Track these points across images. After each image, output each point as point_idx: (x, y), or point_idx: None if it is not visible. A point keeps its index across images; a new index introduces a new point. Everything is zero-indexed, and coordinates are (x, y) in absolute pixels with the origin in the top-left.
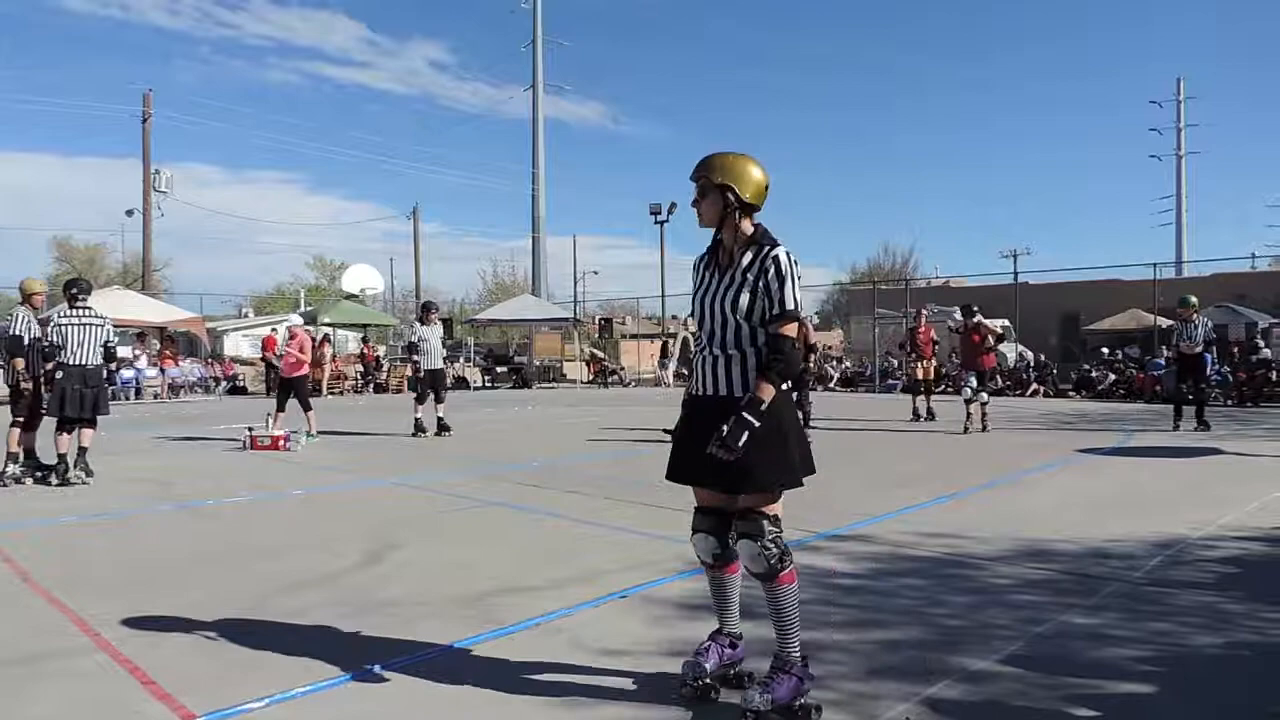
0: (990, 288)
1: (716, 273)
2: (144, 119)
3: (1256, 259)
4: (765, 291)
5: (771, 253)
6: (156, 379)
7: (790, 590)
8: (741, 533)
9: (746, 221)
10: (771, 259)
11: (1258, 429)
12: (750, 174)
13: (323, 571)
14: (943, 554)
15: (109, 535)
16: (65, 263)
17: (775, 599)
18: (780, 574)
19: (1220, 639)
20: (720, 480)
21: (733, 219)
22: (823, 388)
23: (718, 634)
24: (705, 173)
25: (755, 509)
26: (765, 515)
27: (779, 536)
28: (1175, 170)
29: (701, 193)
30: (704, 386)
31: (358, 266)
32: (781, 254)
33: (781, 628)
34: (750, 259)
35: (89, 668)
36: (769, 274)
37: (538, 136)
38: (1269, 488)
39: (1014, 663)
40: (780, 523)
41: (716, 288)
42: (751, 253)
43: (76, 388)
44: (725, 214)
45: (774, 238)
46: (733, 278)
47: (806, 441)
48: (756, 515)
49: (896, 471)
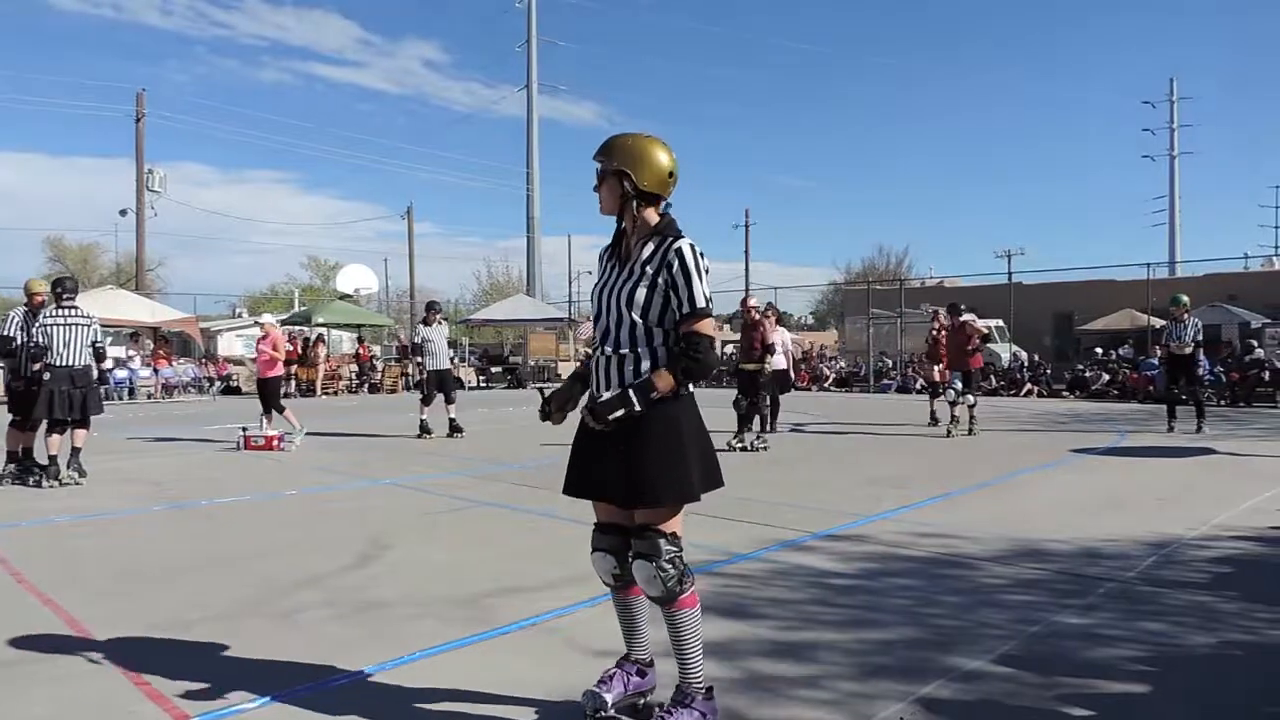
0: (985, 288)
1: (616, 265)
2: (137, 118)
3: (1249, 259)
4: (670, 287)
5: (674, 245)
6: (150, 379)
7: (691, 615)
8: (636, 552)
9: (650, 211)
10: (674, 252)
11: (1250, 429)
12: (651, 160)
13: (317, 572)
14: (937, 554)
15: (102, 536)
16: (59, 262)
17: (674, 625)
18: (680, 597)
19: (1213, 638)
20: (613, 493)
21: (630, 207)
22: (817, 388)
23: (625, 661)
24: (603, 156)
25: (651, 526)
26: (662, 533)
27: (677, 556)
28: (1169, 170)
29: (600, 177)
30: (598, 390)
31: (352, 266)
32: (685, 246)
33: (682, 657)
34: (650, 251)
35: (82, 668)
36: (672, 268)
37: (532, 136)
38: (1261, 487)
39: (1008, 662)
40: (680, 541)
41: (614, 281)
42: (653, 244)
43: (65, 389)
44: (623, 202)
45: (679, 229)
46: (631, 271)
47: (712, 453)
48: (652, 533)
49: (891, 472)
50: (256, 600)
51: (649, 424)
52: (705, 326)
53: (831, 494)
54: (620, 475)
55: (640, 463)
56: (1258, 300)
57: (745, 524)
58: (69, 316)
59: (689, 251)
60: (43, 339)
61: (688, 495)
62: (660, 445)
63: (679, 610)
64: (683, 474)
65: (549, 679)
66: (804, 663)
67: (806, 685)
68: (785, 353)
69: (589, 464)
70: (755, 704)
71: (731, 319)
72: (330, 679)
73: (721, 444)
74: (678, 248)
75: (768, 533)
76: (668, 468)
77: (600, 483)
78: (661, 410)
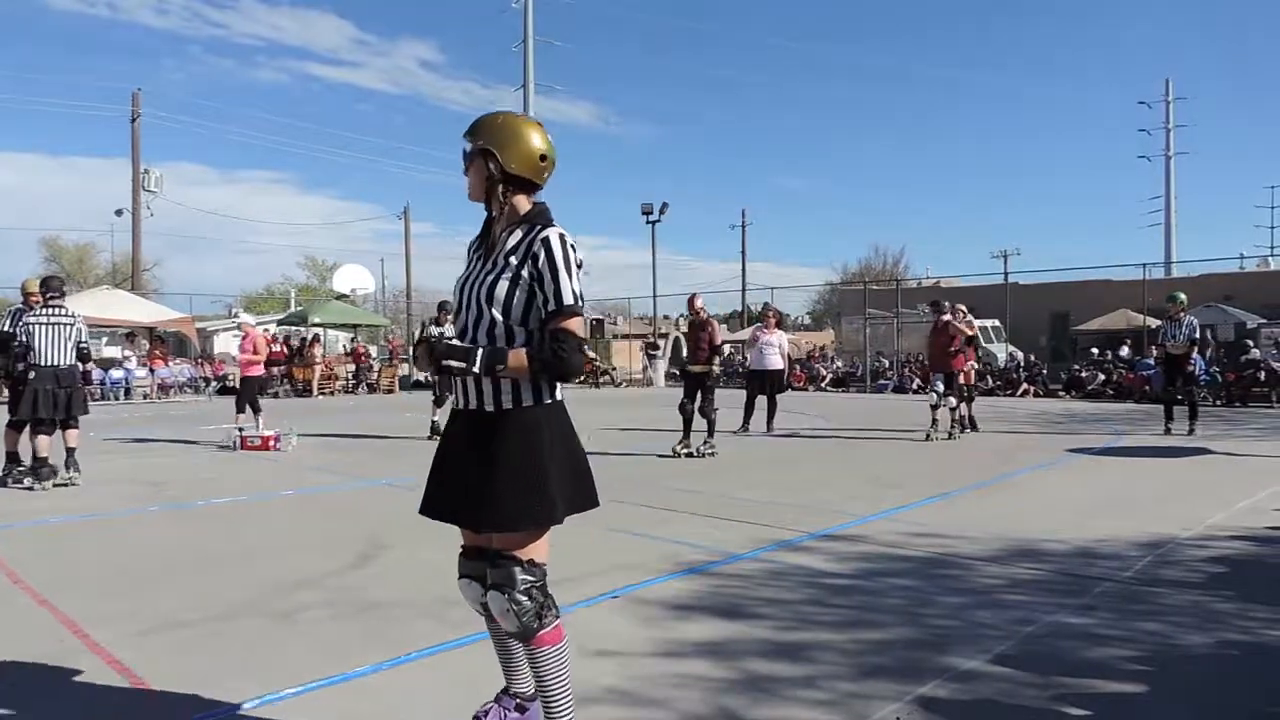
0: (981, 288)
1: (482, 257)
2: (133, 118)
3: (1245, 259)
4: (535, 282)
5: (541, 235)
6: (146, 379)
7: (555, 654)
8: (491, 582)
9: (521, 197)
10: (541, 242)
11: (1246, 429)
12: (520, 140)
13: (314, 572)
14: (933, 554)
15: (98, 536)
16: (55, 262)
17: (535, 664)
18: (539, 633)
19: (1210, 638)
20: (465, 517)
21: (496, 193)
22: (814, 388)
23: (504, 694)
24: (469, 135)
25: (505, 552)
26: (518, 561)
27: (535, 586)
28: (1164, 171)
29: (468, 158)
30: (460, 398)
31: (349, 266)
32: (554, 236)
33: (546, 700)
34: (516, 241)
35: (79, 669)
36: (538, 260)
37: None
38: (1258, 487)
39: (1004, 662)
40: (539, 569)
41: (477, 274)
42: (520, 233)
43: (49, 388)
44: (489, 186)
45: (550, 218)
46: (494, 262)
47: (584, 470)
48: (506, 561)
49: (887, 472)
50: (254, 600)
51: (504, 438)
52: (574, 325)
53: (828, 494)
54: (472, 496)
55: (492, 482)
56: (1254, 300)
57: (742, 524)
58: (52, 316)
59: (557, 242)
60: (25, 338)
61: (547, 518)
62: (516, 461)
63: (539, 648)
64: (541, 494)
65: None
66: (800, 663)
67: (803, 685)
68: (783, 354)
69: (443, 481)
70: (752, 704)
71: (729, 318)
72: (328, 678)
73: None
74: (544, 237)
75: (764, 533)
76: (524, 487)
77: (453, 503)
78: (519, 421)
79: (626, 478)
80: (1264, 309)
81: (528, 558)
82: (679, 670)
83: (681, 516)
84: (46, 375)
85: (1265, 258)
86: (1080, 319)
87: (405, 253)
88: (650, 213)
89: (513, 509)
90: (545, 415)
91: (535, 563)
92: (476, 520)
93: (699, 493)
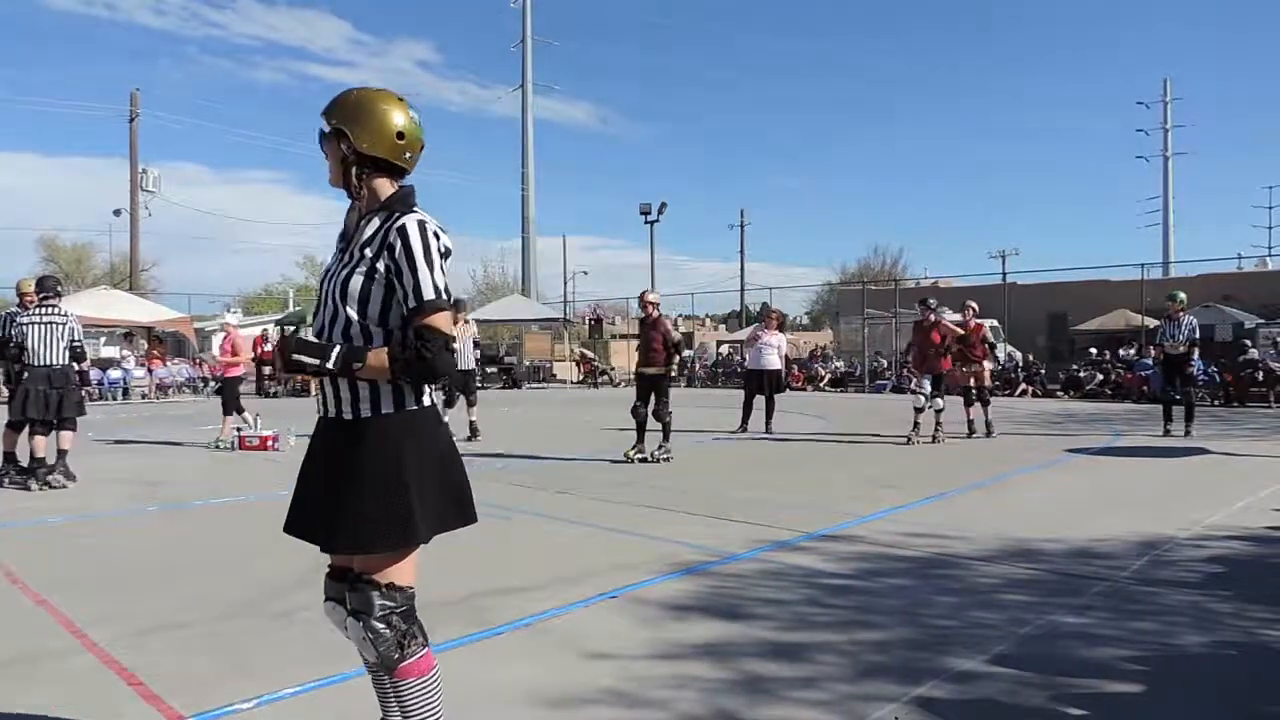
0: (980, 288)
1: (342, 249)
2: (131, 118)
3: (1243, 259)
4: (393, 275)
5: (397, 223)
6: (144, 379)
7: (418, 687)
8: (350, 608)
9: (382, 181)
10: (397, 231)
11: (1243, 429)
12: (373, 117)
13: (310, 572)
14: (931, 554)
15: (96, 536)
16: (53, 262)
17: (399, 698)
18: (401, 664)
19: (1207, 638)
20: (320, 536)
21: (351, 176)
22: (812, 388)
23: None
24: (324, 114)
25: (364, 575)
26: (376, 585)
27: (396, 613)
28: (1162, 171)
29: (323, 140)
30: (320, 404)
31: None
32: (411, 224)
33: None
34: (372, 231)
35: (76, 669)
36: (394, 251)
37: (527, 136)
38: (1255, 487)
39: (1002, 662)
40: (402, 593)
41: (334, 268)
42: (377, 222)
43: (41, 389)
44: (344, 169)
45: (413, 204)
46: (350, 255)
47: (457, 484)
48: (364, 585)
49: (885, 472)
50: (253, 601)
51: (361, 449)
52: (439, 321)
53: (826, 494)
54: (326, 513)
55: (347, 498)
56: (1252, 301)
57: (740, 524)
58: (44, 315)
59: (415, 230)
60: (18, 338)
61: (406, 538)
62: (373, 476)
63: (402, 680)
64: (401, 511)
65: (542, 679)
66: (799, 663)
67: (801, 685)
68: (781, 354)
69: (302, 496)
70: (750, 704)
71: (728, 318)
72: (325, 679)
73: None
74: (400, 225)
75: (762, 533)
76: (381, 504)
77: (309, 520)
78: (378, 430)
79: (625, 478)
80: (1262, 309)
81: (387, 581)
82: (677, 671)
83: (679, 516)
84: (39, 376)
85: (1263, 258)
86: (1078, 319)
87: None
88: (648, 212)
89: (367, 528)
90: (409, 424)
91: (397, 586)
92: (329, 540)
93: (697, 493)
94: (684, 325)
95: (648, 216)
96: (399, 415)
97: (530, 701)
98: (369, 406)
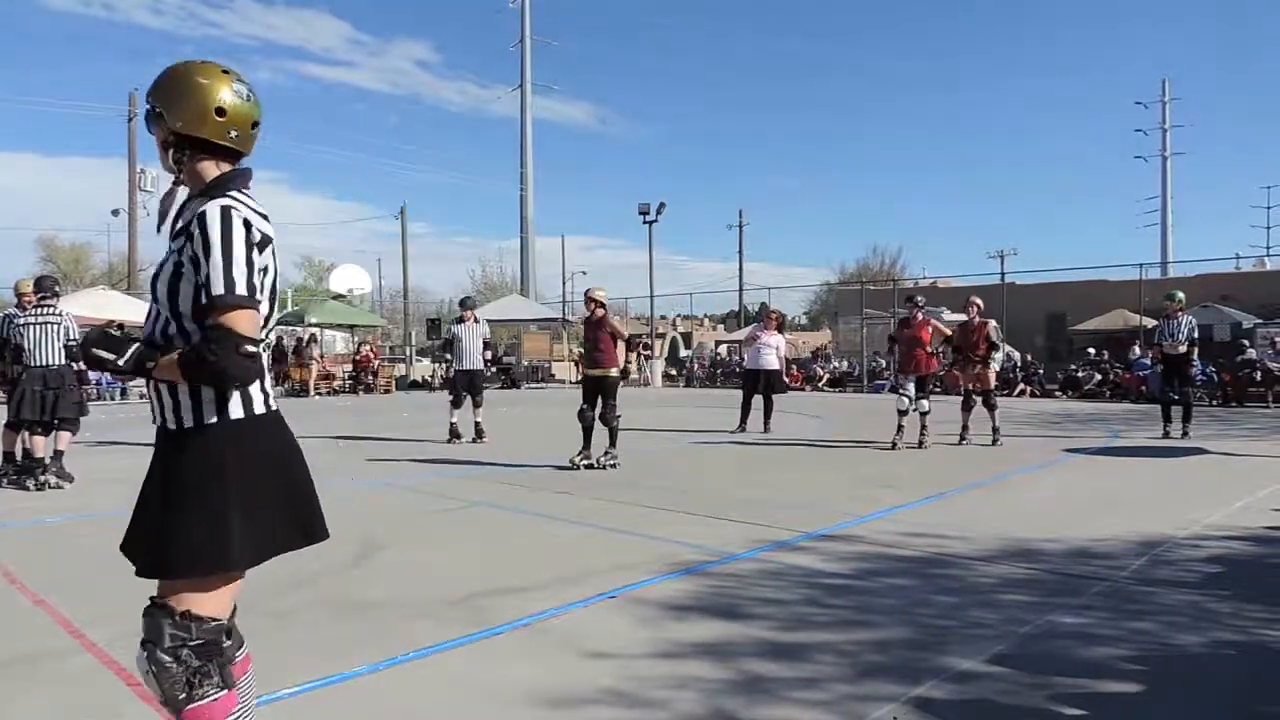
0: (978, 288)
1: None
2: (129, 118)
3: (1241, 259)
4: (193, 267)
5: (199, 210)
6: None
7: None
8: (142, 636)
9: (207, 164)
10: (197, 219)
11: (1242, 429)
12: (188, 93)
13: (309, 572)
14: (930, 554)
15: (95, 536)
16: (51, 262)
17: None
18: (188, 708)
19: (1206, 637)
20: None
21: (168, 159)
22: (811, 387)
23: None
24: (149, 91)
25: (159, 600)
26: (169, 612)
27: (189, 645)
28: (1161, 171)
29: (148, 118)
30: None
31: (345, 266)
32: (212, 210)
33: None
34: (186, 220)
35: (75, 669)
36: (194, 240)
37: (526, 136)
38: (1253, 487)
39: (1001, 662)
40: (200, 625)
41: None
42: (190, 210)
43: (37, 389)
44: (164, 151)
45: (229, 188)
46: (169, 249)
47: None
48: (158, 611)
49: (883, 472)
50: (251, 601)
51: (177, 463)
52: (235, 320)
53: (825, 494)
54: (139, 530)
55: (156, 513)
56: (1250, 301)
57: (738, 524)
58: (40, 315)
59: (215, 217)
60: (16, 339)
61: (214, 563)
62: (184, 492)
63: None
64: (212, 533)
65: (542, 679)
66: (797, 663)
67: (800, 686)
68: (779, 355)
69: (134, 513)
70: (749, 704)
71: (726, 318)
72: (324, 679)
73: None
74: (201, 212)
75: (761, 533)
76: (189, 524)
77: (129, 536)
78: (195, 442)
79: (623, 478)
80: (1260, 309)
81: (184, 609)
82: (676, 671)
83: (679, 516)
84: (35, 376)
85: (1261, 258)
86: (1077, 319)
87: (402, 253)
88: (647, 213)
89: (166, 550)
90: (235, 435)
91: (194, 616)
92: (133, 556)
93: (696, 493)
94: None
95: (646, 216)
96: (222, 425)
97: (530, 701)
98: (191, 416)
